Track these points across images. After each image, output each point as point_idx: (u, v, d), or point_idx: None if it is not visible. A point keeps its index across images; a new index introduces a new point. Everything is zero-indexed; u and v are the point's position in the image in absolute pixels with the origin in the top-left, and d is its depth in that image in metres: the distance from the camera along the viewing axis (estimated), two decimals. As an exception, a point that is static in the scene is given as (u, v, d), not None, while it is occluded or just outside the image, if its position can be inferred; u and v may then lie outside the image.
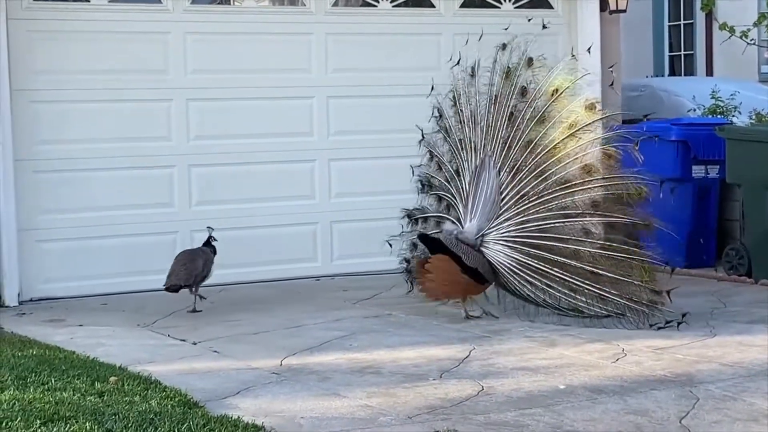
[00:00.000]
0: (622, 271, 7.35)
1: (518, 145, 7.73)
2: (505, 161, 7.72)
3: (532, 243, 7.50)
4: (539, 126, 7.78)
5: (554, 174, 7.63)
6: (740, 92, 11.65)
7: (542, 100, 7.84)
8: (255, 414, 5.26)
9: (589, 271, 7.37)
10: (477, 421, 5.17)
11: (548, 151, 7.68)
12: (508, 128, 7.77)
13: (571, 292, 7.40)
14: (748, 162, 9.11)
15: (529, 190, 7.63)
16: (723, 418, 5.16)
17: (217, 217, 9.28)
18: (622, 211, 7.55)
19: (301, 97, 9.64)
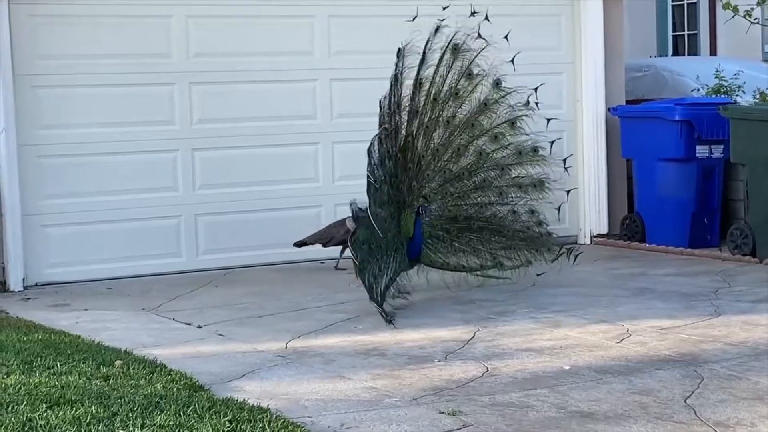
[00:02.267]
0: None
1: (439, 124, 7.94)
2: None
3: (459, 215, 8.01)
4: (456, 104, 7.96)
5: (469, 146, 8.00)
6: (744, 72, 11.61)
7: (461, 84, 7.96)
8: (260, 396, 5.28)
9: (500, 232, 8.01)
10: (482, 402, 5.18)
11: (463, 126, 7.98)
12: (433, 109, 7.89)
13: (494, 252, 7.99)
14: (753, 141, 9.09)
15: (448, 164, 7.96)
16: (728, 397, 5.17)
17: (221, 201, 9.30)
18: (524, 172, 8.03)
19: (304, 80, 9.62)
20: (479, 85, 7.94)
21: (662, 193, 10.05)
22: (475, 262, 8.03)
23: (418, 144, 7.87)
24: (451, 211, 8.07)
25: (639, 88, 12.05)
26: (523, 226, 8.04)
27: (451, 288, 8.06)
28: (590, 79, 10.48)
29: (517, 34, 8.71)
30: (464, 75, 7.91)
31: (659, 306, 7.39)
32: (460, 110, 7.97)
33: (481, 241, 8.03)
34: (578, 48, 10.51)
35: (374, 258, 7.34)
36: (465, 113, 7.97)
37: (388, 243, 7.49)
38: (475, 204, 8.07)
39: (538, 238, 8.04)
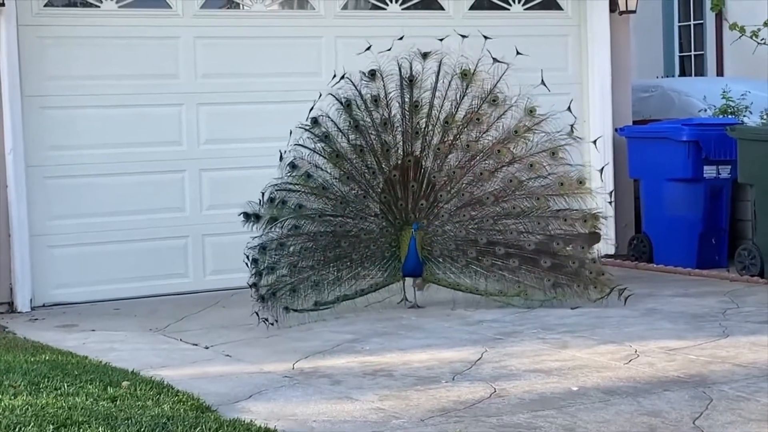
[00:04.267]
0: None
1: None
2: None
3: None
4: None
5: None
6: (751, 92, 11.61)
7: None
8: (267, 418, 5.26)
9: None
10: (489, 423, 5.16)
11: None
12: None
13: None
14: (760, 162, 9.08)
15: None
16: (736, 418, 5.15)
17: (228, 221, 9.24)
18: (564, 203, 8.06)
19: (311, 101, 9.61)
20: (507, 111, 8.05)
21: (670, 213, 10.04)
22: (494, 287, 8.08)
23: (427, 164, 8.04)
24: (472, 234, 8.13)
25: (646, 108, 12.04)
26: (568, 261, 7.94)
27: (457, 308, 8.06)
28: (597, 99, 10.50)
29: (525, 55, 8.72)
30: (487, 101, 8.06)
31: (667, 327, 7.37)
32: (484, 136, 8.09)
33: (507, 268, 8.03)
34: (585, 68, 10.53)
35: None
36: (491, 139, 8.07)
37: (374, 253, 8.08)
38: (504, 230, 8.07)
39: (584, 275, 7.93)
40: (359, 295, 8.19)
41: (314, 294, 7.97)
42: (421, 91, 8.12)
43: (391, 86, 8.14)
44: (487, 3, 10.29)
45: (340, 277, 8.09)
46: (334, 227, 8.13)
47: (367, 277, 8.22)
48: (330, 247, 8.06)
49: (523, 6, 10.38)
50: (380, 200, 8.17)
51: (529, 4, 10.40)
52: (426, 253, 8.18)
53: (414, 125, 8.09)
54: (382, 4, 9.91)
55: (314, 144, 8.12)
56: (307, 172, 8.11)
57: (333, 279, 8.05)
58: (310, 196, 8.10)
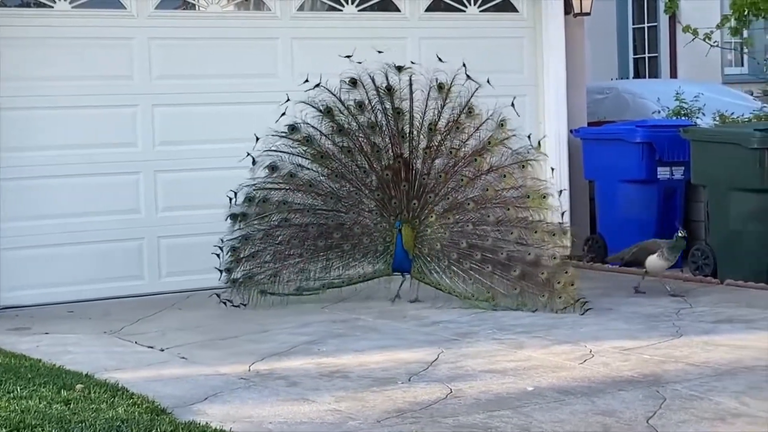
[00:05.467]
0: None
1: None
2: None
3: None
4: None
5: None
6: (704, 94, 11.74)
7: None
8: (223, 420, 5.24)
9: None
10: (446, 424, 5.18)
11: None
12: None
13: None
14: (713, 163, 9.18)
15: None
16: (690, 417, 5.19)
17: (184, 223, 9.26)
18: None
19: (267, 102, 9.59)
20: (483, 123, 8.34)
21: (624, 214, 10.12)
22: (468, 291, 8.20)
23: (417, 166, 8.43)
24: (455, 237, 8.35)
25: (601, 110, 12.15)
26: (537, 271, 8.01)
27: (412, 310, 8.09)
28: (552, 101, 10.55)
29: (481, 57, 8.79)
30: (464, 111, 8.39)
31: (622, 327, 7.42)
32: (466, 143, 8.41)
33: (481, 272, 8.17)
34: (540, 70, 10.58)
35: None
36: (470, 147, 8.40)
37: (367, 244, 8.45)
38: (482, 236, 8.28)
39: (553, 285, 7.94)
40: (347, 284, 8.52)
41: (299, 280, 8.41)
42: (401, 100, 8.42)
43: (371, 94, 8.43)
44: (443, 5, 10.31)
45: (329, 266, 8.46)
46: (326, 220, 8.46)
47: (357, 267, 8.55)
48: (322, 237, 8.41)
49: (478, 8, 10.42)
50: (374, 197, 8.49)
51: (484, 6, 10.43)
52: (417, 251, 8.39)
53: (400, 129, 8.42)
54: (338, 5, 9.91)
55: (294, 148, 8.42)
56: (290, 172, 8.43)
57: (321, 267, 8.45)
58: (296, 193, 8.46)
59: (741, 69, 19.02)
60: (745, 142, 8.88)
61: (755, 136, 8.86)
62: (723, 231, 9.15)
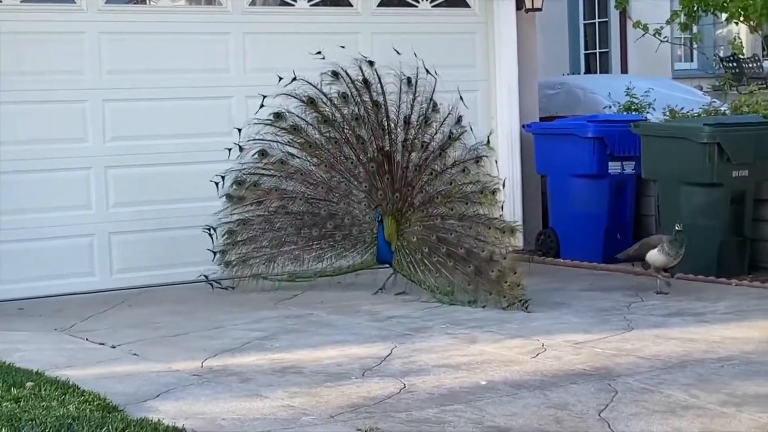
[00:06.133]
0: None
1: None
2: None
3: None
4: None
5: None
6: (654, 89, 11.83)
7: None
8: (175, 416, 5.22)
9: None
10: (399, 418, 5.18)
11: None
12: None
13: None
14: (663, 158, 9.26)
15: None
16: (641, 410, 5.24)
17: (135, 219, 9.20)
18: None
19: (219, 97, 9.57)
20: (446, 118, 8.51)
21: (576, 208, 10.18)
22: (434, 283, 8.25)
23: (397, 158, 8.54)
24: (426, 229, 8.44)
25: (552, 105, 12.21)
26: (489, 268, 8.02)
27: (367, 305, 8.10)
28: (504, 96, 10.59)
29: (434, 52, 8.81)
30: (431, 106, 8.54)
31: (574, 321, 7.47)
32: (435, 138, 8.56)
33: (445, 266, 8.21)
34: (492, 66, 10.61)
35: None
36: (437, 141, 8.57)
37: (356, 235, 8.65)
38: (448, 230, 8.34)
39: (501, 284, 7.94)
40: (337, 273, 8.74)
41: (293, 266, 8.66)
42: (377, 93, 8.52)
43: (349, 87, 8.55)
44: (395, 0, 10.31)
45: (322, 256, 8.69)
46: (319, 209, 8.63)
47: (347, 258, 8.74)
48: (316, 226, 8.59)
49: (431, 3, 10.42)
50: (362, 189, 8.64)
51: (436, 1, 10.44)
52: (399, 243, 8.49)
53: (380, 122, 8.53)
54: (290, 0, 9.87)
55: (281, 136, 8.59)
56: (281, 159, 8.60)
57: (315, 256, 8.69)
58: (288, 180, 8.64)
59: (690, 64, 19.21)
60: (695, 137, 8.96)
61: (704, 131, 8.95)
62: (673, 225, 9.21)
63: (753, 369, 5.95)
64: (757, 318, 7.36)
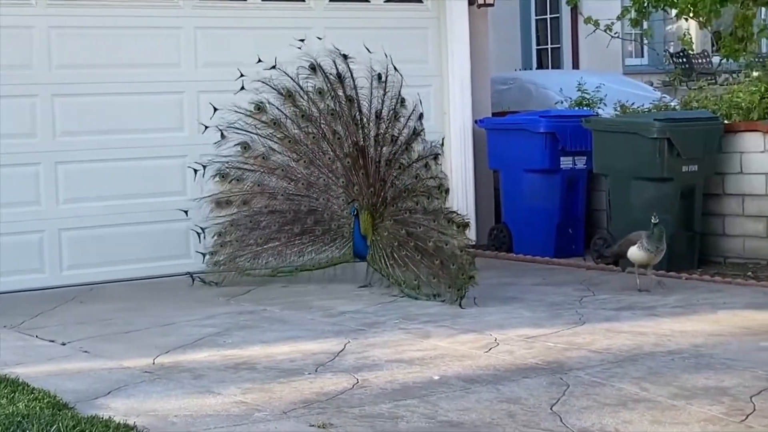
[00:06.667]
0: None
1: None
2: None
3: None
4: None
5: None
6: (605, 84, 11.90)
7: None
8: (127, 414, 5.18)
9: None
10: (352, 414, 5.18)
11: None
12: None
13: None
14: (614, 153, 9.32)
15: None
16: (592, 403, 5.27)
17: (86, 215, 9.12)
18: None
19: (170, 92, 9.51)
20: (412, 113, 8.63)
21: (528, 203, 10.23)
22: (402, 277, 8.26)
23: (371, 153, 8.60)
24: (397, 224, 8.45)
25: (505, 100, 12.25)
26: (450, 261, 8.00)
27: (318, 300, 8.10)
28: (457, 91, 10.61)
29: (386, 48, 8.78)
30: (399, 102, 8.64)
31: (526, 315, 7.50)
32: (402, 132, 8.64)
33: (413, 260, 8.22)
34: (445, 61, 10.63)
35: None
36: (404, 136, 8.65)
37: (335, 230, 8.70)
38: (416, 224, 8.35)
39: (459, 278, 7.91)
40: (317, 268, 8.80)
41: (275, 262, 8.79)
42: (351, 88, 8.59)
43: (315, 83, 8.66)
44: (348, -5, 10.30)
45: (303, 251, 8.77)
46: (300, 205, 8.71)
47: (327, 252, 8.81)
48: (297, 222, 8.70)
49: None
50: (340, 184, 8.70)
51: (389, -4, 10.44)
52: (374, 237, 8.50)
53: (353, 117, 8.59)
54: (242, -5, 9.83)
55: (261, 129, 8.66)
56: (263, 155, 8.69)
57: (297, 251, 8.77)
58: (270, 176, 8.74)
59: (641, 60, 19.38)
60: (645, 132, 9.03)
61: (655, 126, 9.02)
62: (624, 220, 9.30)
63: (702, 362, 6.01)
64: (706, 311, 7.43)
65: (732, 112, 9.63)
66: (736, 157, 9.34)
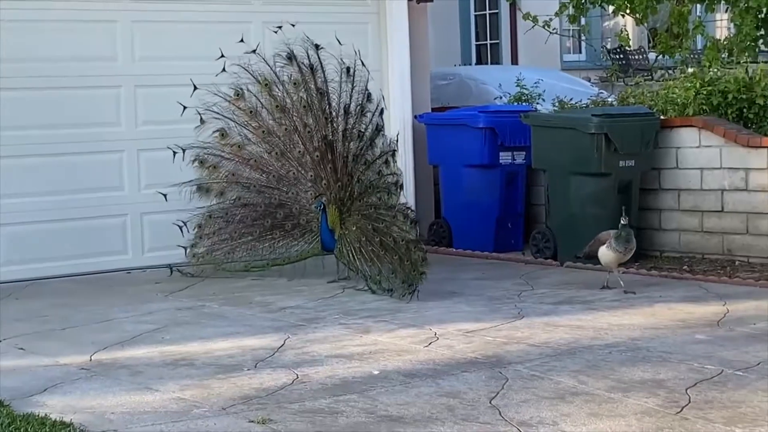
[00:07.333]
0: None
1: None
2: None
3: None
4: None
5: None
6: (544, 80, 11.99)
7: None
8: (63, 411, 5.13)
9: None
10: (292, 409, 5.17)
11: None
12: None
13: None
14: (552, 148, 9.39)
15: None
16: (531, 397, 5.31)
17: (24, 210, 9.01)
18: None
19: (107, 87, 9.42)
20: (376, 109, 8.73)
21: (468, 198, 10.27)
22: (368, 272, 8.23)
23: (339, 148, 8.61)
24: (364, 219, 8.46)
25: (444, 95, 12.29)
26: (407, 255, 8.01)
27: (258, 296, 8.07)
28: (397, 86, 10.62)
29: (326, 42, 8.76)
30: (366, 97, 8.69)
31: (466, 309, 7.53)
32: (368, 128, 8.71)
33: (377, 255, 8.21)
34: (385, 56, 10.63)
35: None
36: (370, 132, 8.73)
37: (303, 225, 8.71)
38: (379, 219, 8.38)
39: (412, 274, 7.94)
40: (287, 262, 8.85)
41: (248, 256, 8.84)
42: (322, 81, 8.61)
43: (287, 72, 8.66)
44: (288, -11, 10.26)
45: (275, 245, 8.82)
46: (271, 198, 8.75)
47: (296, 246, 8.83)
48: (269, 216, 8.72)
49: (324, -7, 10.40)
50: (309, 178, 8.69)
51: (330, -9, 10.42)
52: (342, 232, 8.49)
53: (324, 110, 8.61)
54: (183, -12, 9.75)
55: (239, 117, 8.67)
56: (238, 144, 8.68)
57: (268, 245, 8.82)
58: (244, 167, 8.74)
59: (579, 56, 19.52)
60: (583, 128, 9.11)
61: (592, 122, 9.10)
62: (562, 214, 9.37)
63: (639, 355, 6.08)
64: (642, 305, 7.51)
65: (668, 108, 9.75)
66: (672, 152, 9.45)
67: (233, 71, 8.48)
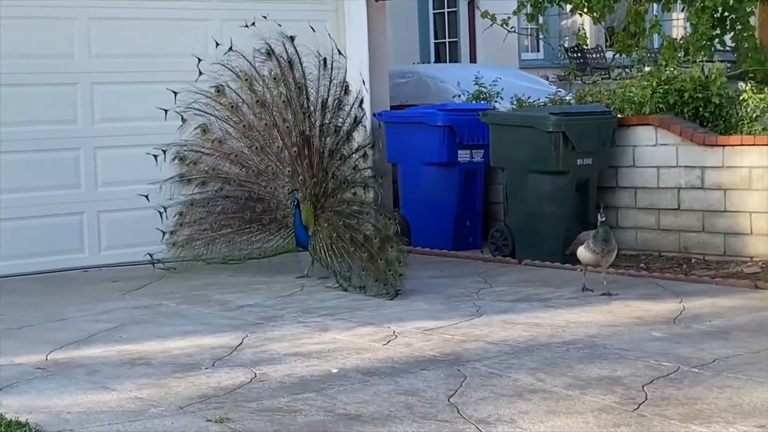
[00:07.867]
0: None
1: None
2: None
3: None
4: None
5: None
6: (502, 78, 12.03)
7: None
8: (19, 411, 5.08)
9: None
10: (250, 408, 5.15)
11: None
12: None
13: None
14: (510, 146, 9.42)
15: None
16: (489, 394, 5.32)
17: (-24, 209, 8.92)
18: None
19: (64, 84, 9.33)
20: (354, 101, 8.82)
21: (426, 196, 10.28)
22: (339, 268, 8.23)
23: (315, 143, 8.62)
24: (336, 215, 8.49)
25: (403, 94, 12.29)
26: (379, 255, 7.98)
27: (217, 294, 8.04)
28: (356, 84, 10.58)
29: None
30: (344, 90, 8.76)
31: (424, 307, 7.54)
32: (346, 122, 8.75)
33: (347, 252, 8.20)
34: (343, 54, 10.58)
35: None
36: (347, 125, 8.77)
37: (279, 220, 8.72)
38: (352, 215, 8.42)
39: (388, 275, 7.91)
40: (263, 256, 8.84)
41: (227, 249, 8.79)
42: (300, 75, 8.64)
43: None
44: (244, -13, 10.21)
45: (252, 239, 8.81)
46: (250, 192, 8.76)
47: (272, 241, 8.84)
48: (247, 210, 8.72)
49: (281, -10, 10.36)
50: (286, 173, 8.70)
51: (287, -12, 10.38)
52: (316, 228, 8.48)
53: (302, 106, 8.62)
54: (143, -14, 9.68)
55: (219, 111, 8.66)
56: (219, 139, 8.68)
57: (246, 239, 8.80)
58: (225, 162, 8.74)
59: (537, 54, 19.61)
60: (541, 126, 9.14)
61: (550, 120, 9.14)
62: (520, 212, 9.41)
63: (596, 352, 6.11)
64: (600, 303, 7.56)
65: (625, 107, 9.81)
66: (629, 150, 9.52)
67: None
